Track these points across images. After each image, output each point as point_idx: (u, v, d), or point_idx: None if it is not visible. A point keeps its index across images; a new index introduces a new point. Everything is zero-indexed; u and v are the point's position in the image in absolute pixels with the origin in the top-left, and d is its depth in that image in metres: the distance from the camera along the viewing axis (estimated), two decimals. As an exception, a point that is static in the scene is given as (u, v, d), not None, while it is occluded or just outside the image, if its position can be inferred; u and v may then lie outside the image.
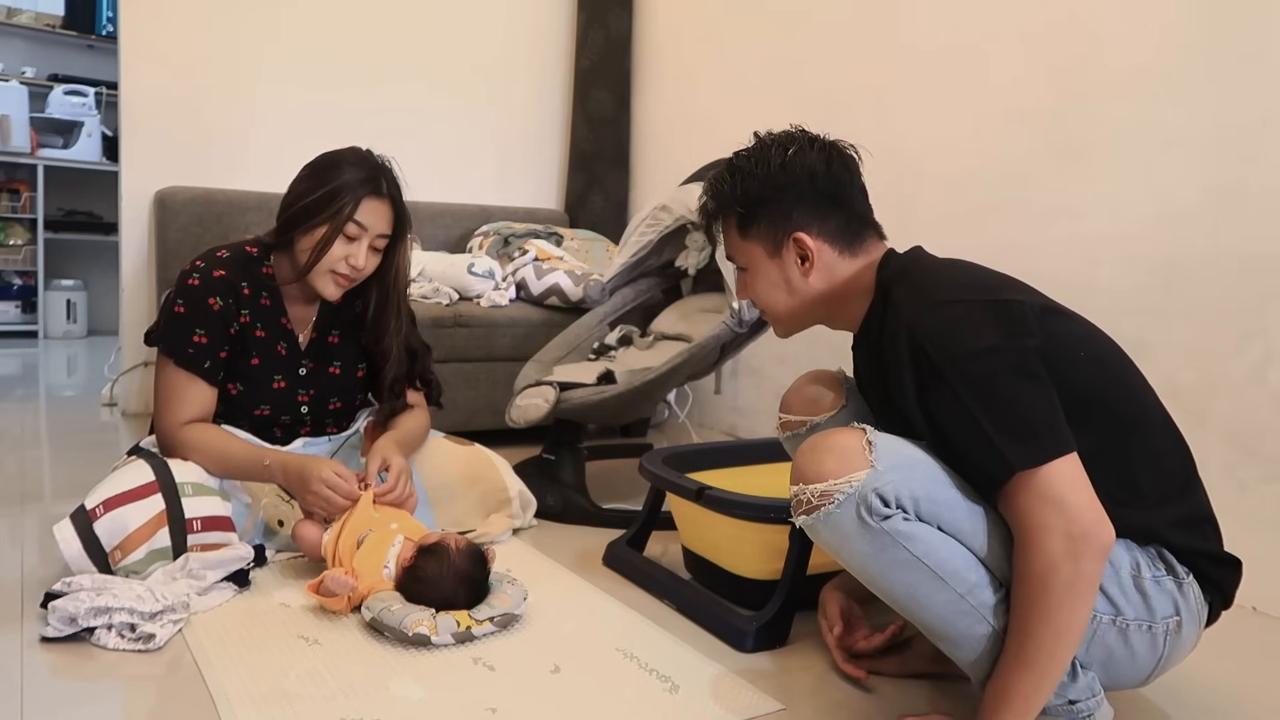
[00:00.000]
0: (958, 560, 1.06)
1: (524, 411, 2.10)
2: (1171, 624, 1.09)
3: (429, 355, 1.91)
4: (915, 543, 1.05)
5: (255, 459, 1.63)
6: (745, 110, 3.05)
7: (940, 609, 1.07)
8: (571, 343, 2.44)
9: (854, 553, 1.09)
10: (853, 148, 1.29)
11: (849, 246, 1.25)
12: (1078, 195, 2.04)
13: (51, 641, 1.33)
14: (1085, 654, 1.08)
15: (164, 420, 1.65)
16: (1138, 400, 1.16)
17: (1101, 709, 1.10)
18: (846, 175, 1.26)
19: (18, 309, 5.21)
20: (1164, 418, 1.18)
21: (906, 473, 1.06)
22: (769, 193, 1.24)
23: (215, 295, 1.66)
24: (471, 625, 1.39)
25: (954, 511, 1.06)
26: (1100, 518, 1.01)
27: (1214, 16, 1.80)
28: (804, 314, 1.28)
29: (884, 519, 1.04)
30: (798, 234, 1.23)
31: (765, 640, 1.45)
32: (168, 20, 2.95)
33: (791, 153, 1.24)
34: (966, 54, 2.30)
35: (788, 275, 1.26)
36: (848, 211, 1.26)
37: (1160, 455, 1.15)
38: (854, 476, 1.05)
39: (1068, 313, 1.18)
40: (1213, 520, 1.17)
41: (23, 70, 5.18)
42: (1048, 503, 1.01)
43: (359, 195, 1.64)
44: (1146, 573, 1.09)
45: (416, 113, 3.35)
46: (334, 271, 1.66)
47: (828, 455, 1.08)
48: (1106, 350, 1.18)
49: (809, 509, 1.08)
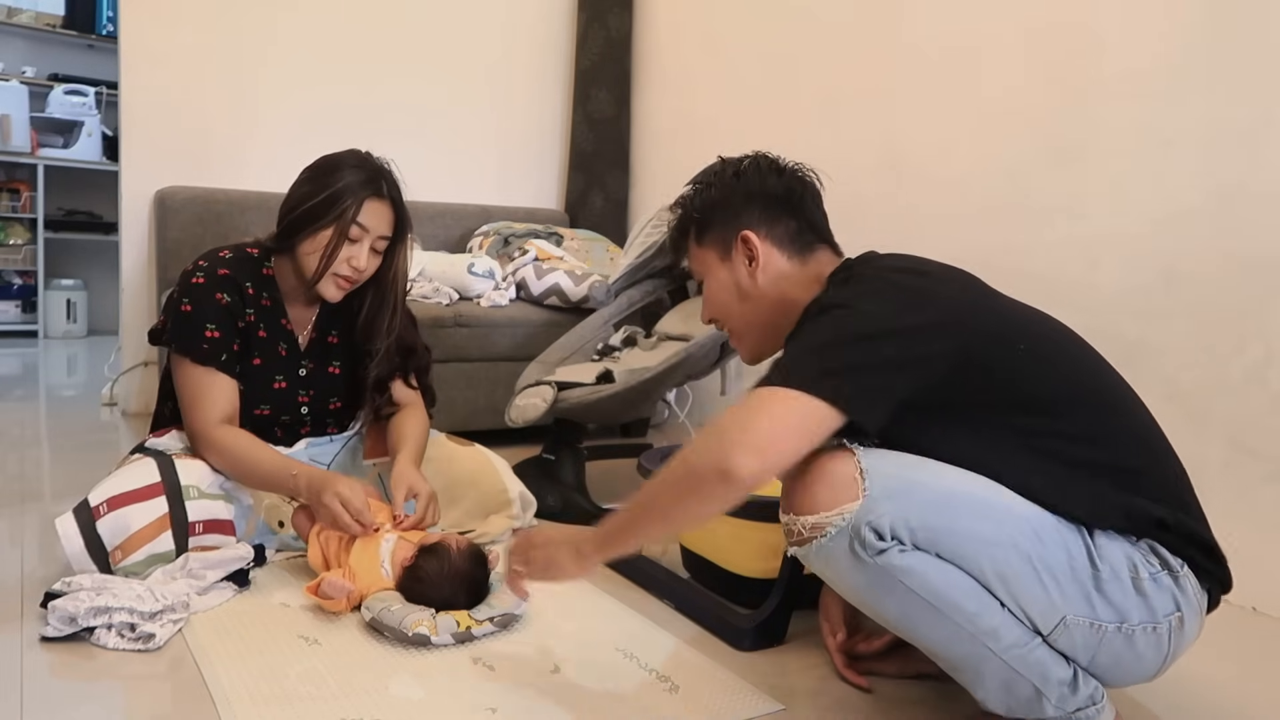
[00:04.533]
0: (955, 591, 1.02)
1: (522, 411, 2.11)
2: (1174, 620, 1.08)
3: (428, 357, 1.90)
4: (911, 577, 1.01)
5: (283, 470, 1.62)
6: (745, 110, 3.05)
7: (938, 637, 1.06)
8: (575, 344, 2.44)
9: (848, 584, 1.07)
10: (814, 173, 1.33)
11: (799, 254, 1.28)
12: (1078, 196, 2.04)
13: (51, 641, 1.33)
14: (1091, 661, 1.07)
15: (195, 420, 1.64)
16: (1089, 383, 1.15)
17: (1103, 715, 1.10)
18: (800, 187, 1.30)
19: (18, 309, 5.21)
20: (1124, 396, 1.17)
21: (902, 499, 1.02)
22: (722, 197, 1.29)
23: (222, 291, 1.66)
24: (471, 625, 1.39)
25: (954, 536, 1.02)
26: (756, 469, 1.00)
27: (1214, 17, 1.81)
28: (759, 324, 1.27)
29: (878, 553, 1.01)
30: (745, 232, 1.26)
31: (763, 639, 1.45)
32: (168, 20, 2.95)
33: (746, 164, 1.31)
34: (966, 55, 2.30)
35: (738, 278, 1.28)
36: (799, 220, 1.28)
37: (1121, 432, 1.13)
38: (846, 508, 1.01)
39: (1008, 308, 1.18)
40: (1196, 502, 1.15)
41: (23, 70, 5.18)
42: (748, 411, 1.02)
43: (361, 197, 1.64)
44: (1144, 572, 1.07)
45: (417, 113, 3.35)
46: (336, 274, 1.66)
47: (818, 484, 1.04)
48: (1050, 341, 1.17)
49: (800, 540, 1.05)
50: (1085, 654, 1.06)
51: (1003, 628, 1.03)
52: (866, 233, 2.56)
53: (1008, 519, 1.04)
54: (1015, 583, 1.02)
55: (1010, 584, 1.02)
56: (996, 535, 1.03)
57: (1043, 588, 1.02)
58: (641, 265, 2.39)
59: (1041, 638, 1.05)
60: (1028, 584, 1.02)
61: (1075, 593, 1.03)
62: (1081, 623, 1.03)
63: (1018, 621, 1.04)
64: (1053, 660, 1.05)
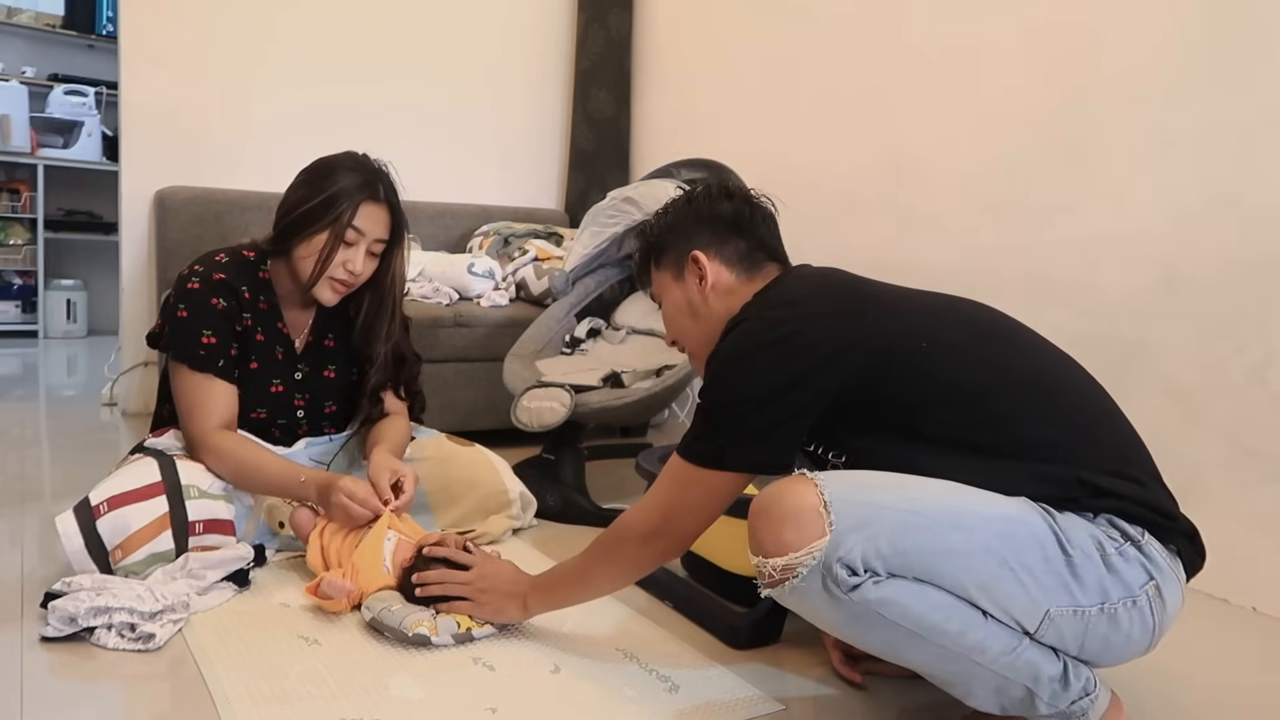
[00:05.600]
0: (936, 614, 1.01)
1: (537, 415, 2.08)
2: (1150, 589, 1.06)
3: (418, 366, 1.90)
4: (888, 607, 1.00)
5: (290, 476, 1.62)
6: (745, 110, 3.05)
7: (924, 659, 1.06)
8: (544, 335, 2.46)
9: (826, 621, 1.07)
10: (767, 197, 1.38)
11: (747, 271, 1.33)
12: (1078, 196, 2.04)
13: (51, 641, 1.33)
14: (1081, 649, 1.07)
15: (194, 427, 1.64)
16: (1004, 364, 1.16)
17: (1096, 704, 1.09)
18: (749, 210, 1.35)
19: (18, 309, 5.20)
20: (1046, 368, 1.18)
21: (870, 528, 1.00)
22: (676, 222, 1.37)
23: (218, 296, 1.65)
24: (471, 626, 1.39)
25: (926, 556, 1.01)
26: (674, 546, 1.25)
27: (1214, 17, 1.81)
28: (713, 340, 1.28)
29: (852, 589, 0.99)
30: (695, 252, 1.33)
31: (758, 636, 1.46)
32: (168, 20, 2.95)
33: (699, 190, 1.37)
34: (966, 54, 2.30)
35: (690, 297, 1.35)
36: (749, 240, 1.34)
37: (1044, 406, 1.14)
38: (814, 546, 1.00)
39: (904, 309, 1.21)
40: (1145, 462, 1.15)
41: (23, 70, 5.18)
42: (665, 488, 1.21)
43: (357, 201, 1.64)
44: (1110, 547, 1.06)
45: (416, 112, 3.35)
46: (331, 277, 1.66)
47: (784, 525, 1.02)
48: (955, 331, 1.19)
49: (772, 583, 1.04)
50: (1074, 643, 1.06)
51: (988, 640, 1.03)
52: (867, 233, 2.59)
53: (976, 524, 1.03)
54: (995, 589, 1.02)
55: (991, 591, 1.02)
56: (968, 545, 1.02)
57: (1022, 587, 1.02)
58: (597, 254, 2.42)
59: (1029, 636, 1.04)
60: (1008, 587, 1.02)
61: (1054, 584, 1.03)
62: (1065, 613, 1.03)
63: (1003, 627, 1.03)
64: (1042, 658, 1.05)
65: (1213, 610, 1.74)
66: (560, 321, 2.48)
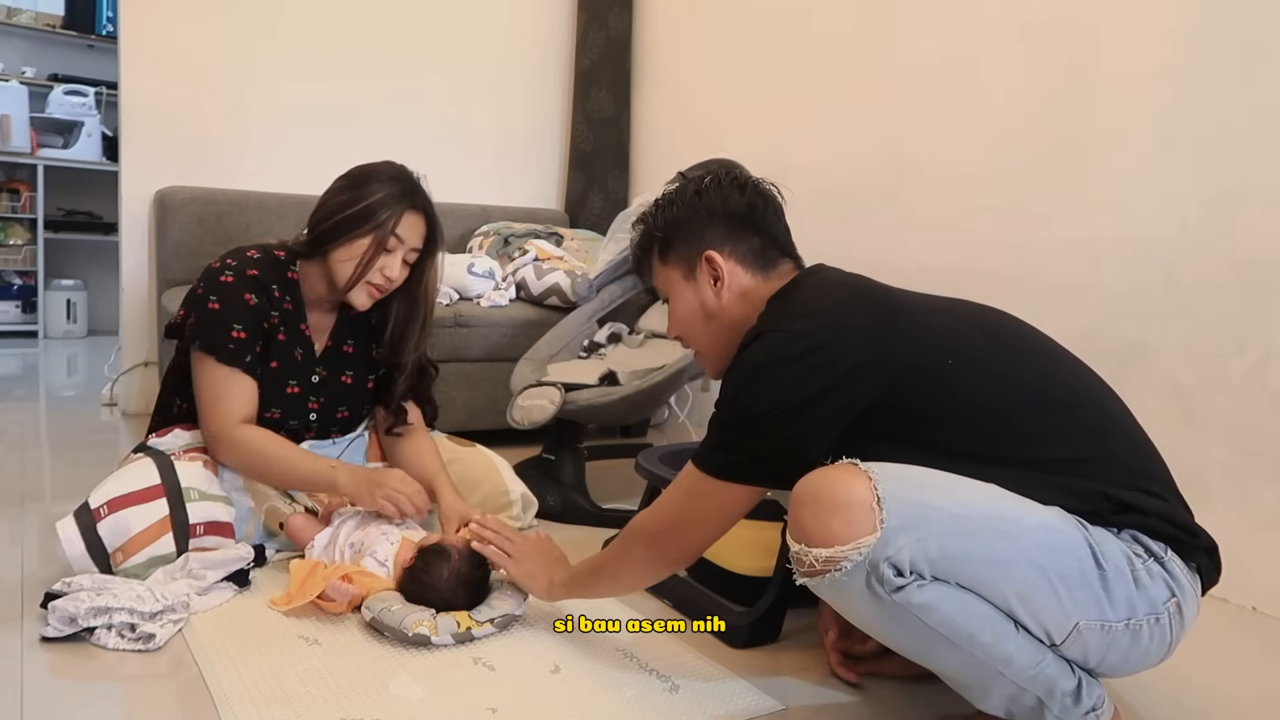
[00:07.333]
0: (974, 624, 0.99)
1: (528, 412, 2.10)
2: (1172, 607, 1.06)
3: (434, 375, 1.92)
4: (929, 613, 0.98)
5: (320, 466, 1.65)
6: (744, 110, 3.05)
7: (950, 663, 1.05)
8: (562, 340, 2.45)
9: (861, 617, 1.04)
10: (775, 186, 1.33)
11: (762, 270, 1.28)
12: (1078, 196, 2.04)
13: (51, 641, 1.33)
14: (1100, 662, 1.06)
15: (215, 419, 1.64)
16: (1027, 381, 1.14)
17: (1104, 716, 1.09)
18: (762, 204, 1.30)
19: (18, 309, 5.21)
20: (1071, 386, 1.16)
21: (920, 529, 0.98)
22: (685, 216, 1.30)
23: (250, 292, 1.66)
24: (472, 626, 1.39)
25: (973, 563, 0.99)
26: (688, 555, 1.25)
27: (1215, 17, 1.81)
28: (723, 343, 1.27)
29: (896, 590, 0.97)
30: (709, 252, 1.27)
31: (756, 636, 1.46)
32: (168, 20, 2.95)
33: (708, 181, 1.31)
34: (965, 54, 2.30)
35: (703, 298, 1.30)
36: (763, 237, 1.29)
37: (1071, 422, 1.12)
38: (863, 542, 0.96)
39: (930, 324, 1.17)
40: (1165, 479, 1.14)
41: (23, 70, 5.18)
42: (680, 497, 1.21)
43: (400, 209, 1.65)
44: (1137, 563, 1.05)
45: (416, 113, 3.35)
46: (369, 282, 1.67)
47: (833, 515, 0.98)
48: (981, 346, 1.16)
49: (811, 573, 1.00)
50: (1095, 656, 1.05)
51: (1017, 653, 1.02)
52: (866, 233, 2.59)
53: (1020, 532, 1.02)
54: (1033, 599, 1.00)
55: (1028, 601, 1.01)
56: (1012, 554, 1.00)
57: (1057, 599, 1.01)
58: (623, 261, 2.40)
59: (1053, 648, 1.03)
60: (1044, 598, 1.01)
61: (1086, 597, 1.02)
62: (1094, 626, 1.02)
63: (1031, 640, 1.02)
64: (1060, 672, 1.04)
65: (1213, 610, 1.73)
66: (580, 327, 2.47)
